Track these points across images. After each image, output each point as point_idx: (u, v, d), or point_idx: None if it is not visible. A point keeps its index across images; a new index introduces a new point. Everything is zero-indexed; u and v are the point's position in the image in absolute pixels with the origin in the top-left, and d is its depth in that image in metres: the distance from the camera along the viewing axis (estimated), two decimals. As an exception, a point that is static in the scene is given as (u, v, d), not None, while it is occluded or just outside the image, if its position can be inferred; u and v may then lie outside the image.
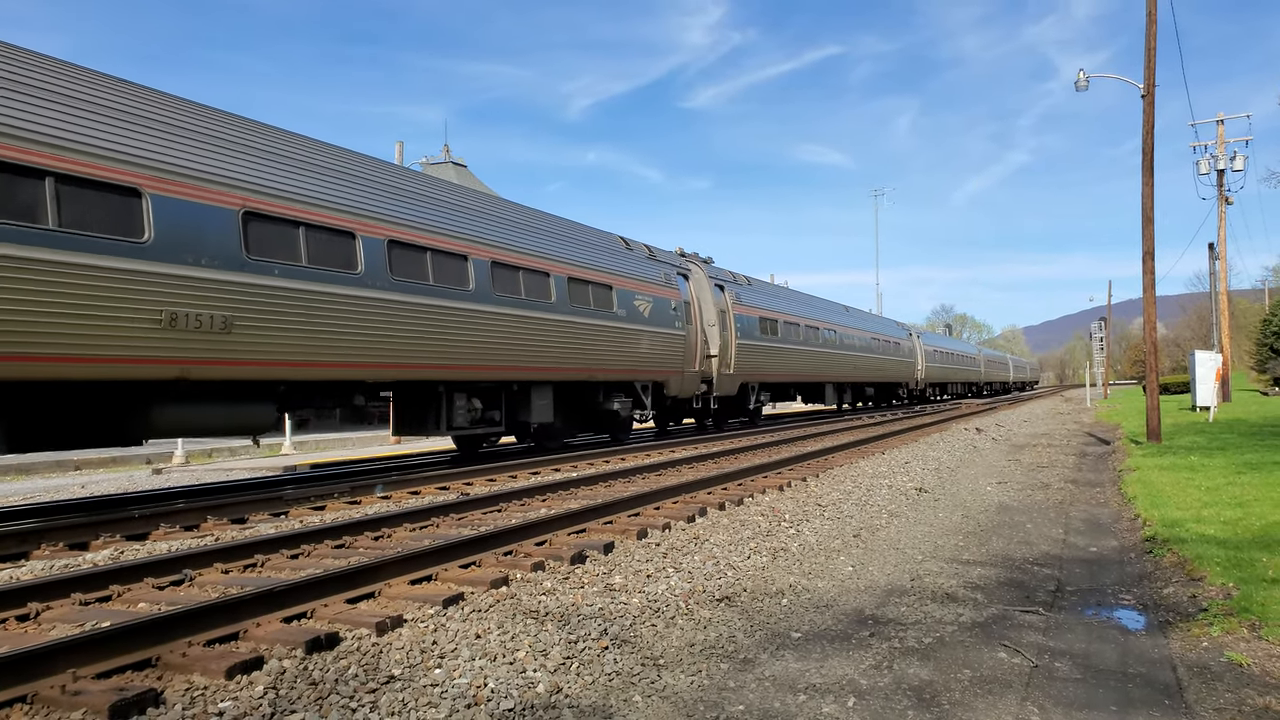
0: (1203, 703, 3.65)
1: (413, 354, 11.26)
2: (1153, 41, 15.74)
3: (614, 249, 17.00)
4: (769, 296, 24.60)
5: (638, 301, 16.55)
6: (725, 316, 20.58)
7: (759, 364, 22.36)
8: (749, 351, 21.62)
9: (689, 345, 18.51)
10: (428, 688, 3.81)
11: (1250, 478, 9.92)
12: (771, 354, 23.24)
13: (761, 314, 22.82)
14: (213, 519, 8.54)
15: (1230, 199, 35.79)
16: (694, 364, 18.75)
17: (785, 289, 28.56)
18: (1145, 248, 15.86)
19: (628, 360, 16.19)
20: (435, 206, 12.25)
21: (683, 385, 18.40)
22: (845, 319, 31.67)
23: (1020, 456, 14.77)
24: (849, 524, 7.99)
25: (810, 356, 26.59)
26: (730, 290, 21.39)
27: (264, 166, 9.68)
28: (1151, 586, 5.69)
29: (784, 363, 24.28)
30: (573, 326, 14.57)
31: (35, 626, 4.88)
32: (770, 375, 23.37)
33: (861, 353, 32.11)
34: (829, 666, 4.16)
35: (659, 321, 17.28)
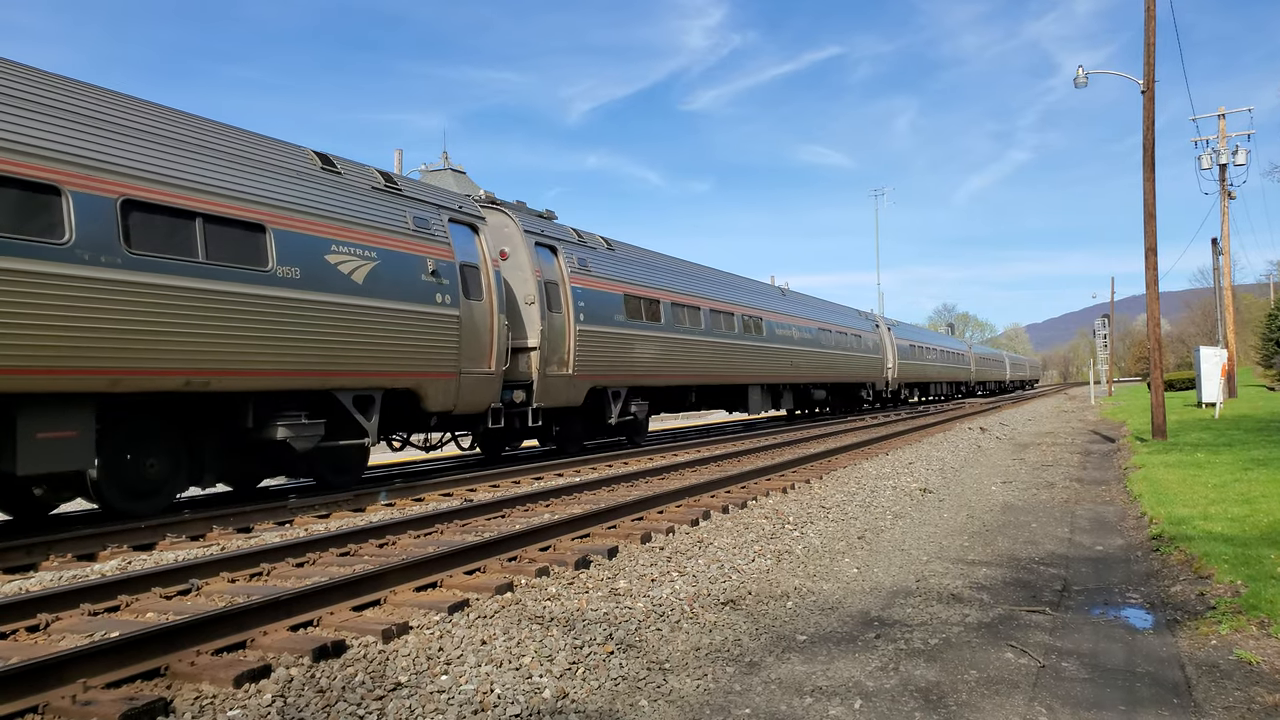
0: (1212, 701, 3.64)
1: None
2: (1152, 37, 15.74)
3: (288, 165, 10.19)
4: (642, 268, 17.98)
5: (337, 256, 10.14)
6: (558, 292, 14.68)
7: (625, 360, 16.31)
8: (604, 343, 15.59)
9: (472, 332, 12.21)
10: (434, 694, 3.81)
11: (1258, 474, 9.89)
12: (648, 346, 17.13)
13: (628, 290, 16.73)
14: (218, 528, 8.56)
15: (1233, 193, 35.74)
16: (485, 361, 12.43)
17: (676, 260, 20.63)
18: (1148, 244, 15.84)
19: (307, 354, 9.72)
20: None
21: (458, 395, 11.99)
22: (780, 304, 25.53)
23: (1025, 455, 14.74)
24: (853, 526, 7.98)
25: (721, 351, 20.26)
26: (567, 255, 15.18)
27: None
28: (1159, 585, 5.68)
29: (672, 359, 18.04)
30: (141, 293, 8.10)
31: (45, 637, 4.90)
32: (647, 375, 17.19)
33: (805, 346, 26.13)
34: (835, 669, 4.16)
35: (396, 292, 10.93)
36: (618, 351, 16.18)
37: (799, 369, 25.55)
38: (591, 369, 15.30)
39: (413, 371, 11.32)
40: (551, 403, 14.38)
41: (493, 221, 14.04)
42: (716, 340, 20.19)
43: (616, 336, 16.15)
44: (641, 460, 14.79)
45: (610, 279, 16.42)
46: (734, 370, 21.18)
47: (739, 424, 28.52)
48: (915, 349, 40.57)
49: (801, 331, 26.18)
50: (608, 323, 15.90)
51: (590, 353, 15.22)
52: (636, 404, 16.95)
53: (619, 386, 16.36)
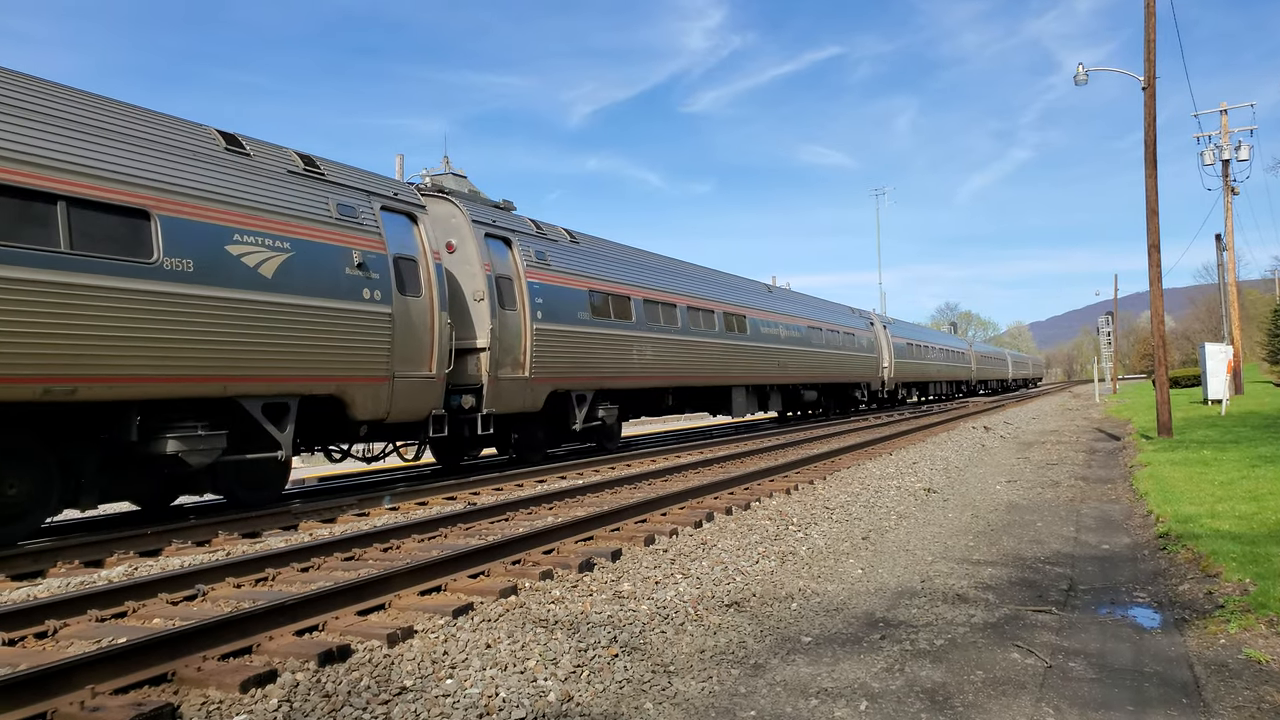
0: (1221, 701, 3.62)
1: None
2: (1152, 34, 15.71)
3: (182, 144, 9.03)
4: (610, 263, 16.76)
5: (241, 247, 8.99)
6: (512, 288, 13.46)
7: (590, 361, 15.10)
8: (565, 343, 14.38)
9: (408, 331, 11.08)
10: (439, 698, 3.82)
11: (1265, 471, 9.85)
12: (617, 346, 15.92)
13: (594, 286, 15.57)
14: (224, 534, 8.58)
15: (1236, 189, 35.61)
16: (424, 363, 11.32)
17: (649, 254, 19.39)
18: (1150, 240, 15.80)
19: (203, 357, 8.66)
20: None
21: (392, 401, 10.80)
22: (766, 301, 24.21)
23: (1029, 454, 14.70)
24: (857, 526, 7.97)
25: (699, 350, 19.11)
26: (523, 247, 13.98)
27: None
28: (1166, 583, 5.65)
29: (645, 359, 16.89)
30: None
31: (53, 643, 4.91)
32: (616, 378, 15.92)
33: (794, 345, 24.94)
34: (840, 670, 4.15)
35: (314, 287, 9.80)
36: (582, 352, 14.90)
37: (787, 369, 24.29)
38: (551, 371, 14.09)
39: (335, 375, 10.14)
40: (505, 408, 13.13)
41: (438, 211, 12.90)
42: (695, 339, 18.99)
43: (580, 336, 14.89)
44: (619, 467, 14.78)
45: (573, 274, 15.17)
46: (715, 371, 19.99)
47: (727, 428, 27.36)
48: (913, 347, 39.33)
49: (789, 330, 24.99)
50: (570, 321, 14.67)
51: (550, 353, 14.04)
52: (604, 408, 15.65)
53: (584, 389, 15.10)
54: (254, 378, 9.25)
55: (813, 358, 26.59)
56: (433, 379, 11.55)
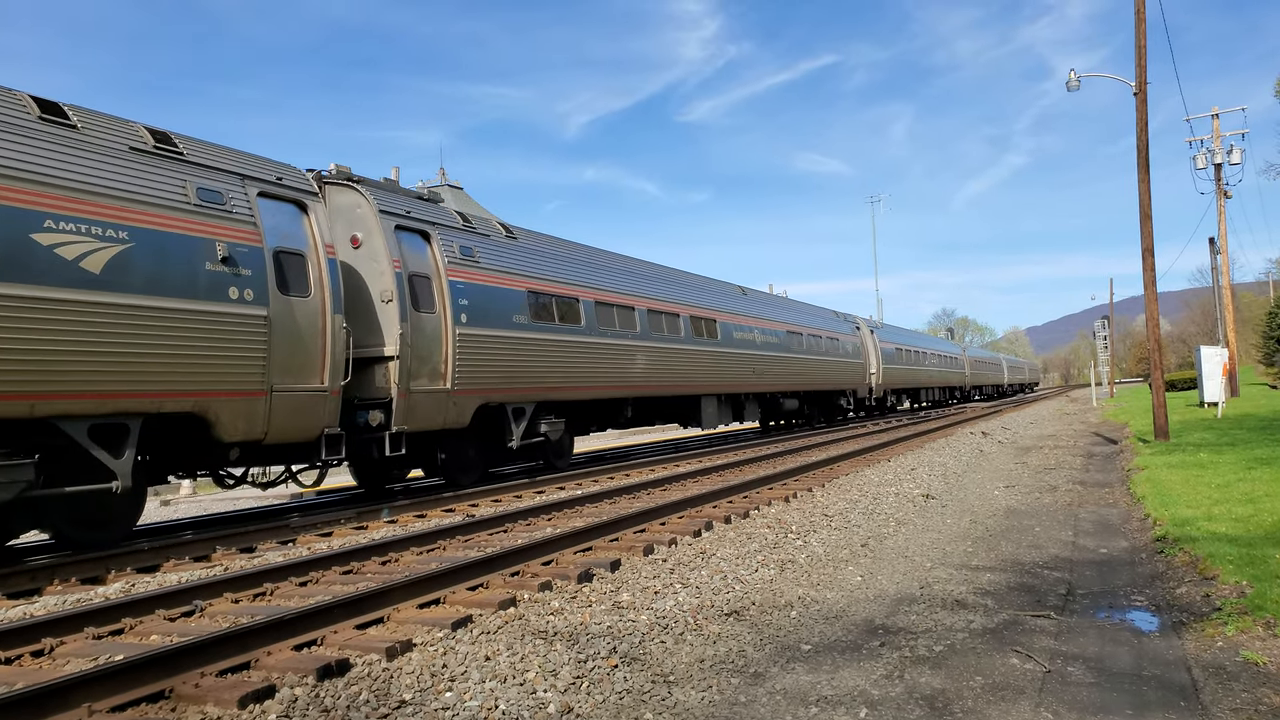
0: (1219, 703, 3.63)
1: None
2: (1142, 40, 15.84)
3: None
4: (555, 260, 15.17)
5: (56, 235, 7.63)
6: (430, 288, 11.99)
7: (529, 370, 13.54)
8: (498, 349, 12.83)
9: (292, 337, 9.65)
10: (439, 711, 3.81)
11: (1261, 473, 9.87)
12: (563, 353, 14.42)
13: (535, 286, 14.07)
14: (221, 549, 8.56)
15: (1229, 193, 35.83)
16: (313, 375, 9.91)
17: (603, 253, 17.87)
18: (1145, 244, 15.88)
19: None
20: None
21: (270, 418, 9.39)
22: (739, 304, 22.86)
23: (1027, 459, 14.72)
24: (856, 533, 7.97)
25: (662, 357, 17.64)
26: (445, 242, 12.47)
27: None
28: (1164, 587, 5.66)
29: (597, 367, 15.38)
30: None
31: (50, 662, 4.89)
32: (562, 388, 14.35)
33: (771, 351, 23.64)
34: (840, 678, 4.15)
35: (160, 285, 8.42)
36: (518, 360, 13.29)
37: (764, 377, 22.93)
38: (480, 382, 12.49)
39: (193, 390, 8.63)
40: (421, 425, 11.52)
41: (340, 201, 11.59)
42: (656, 345, 17.48)
43: (516, 342, 13.25)
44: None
45: (508, 272, 13.58)
46: (681, 379, 18.48)
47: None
48: (902, 353, 38.11)
49: (766, 334, 23.55)
50: (504, 325, 13.06)
51: (477, 362, 12.43)
52: (548, 423, 14.11)
53: (522, 402, 13.48)
54: (76, 394, 7.70)
55: (793, 364, 25.24)
56: (324, 392, 10.01)
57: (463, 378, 12.22)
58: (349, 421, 10.77)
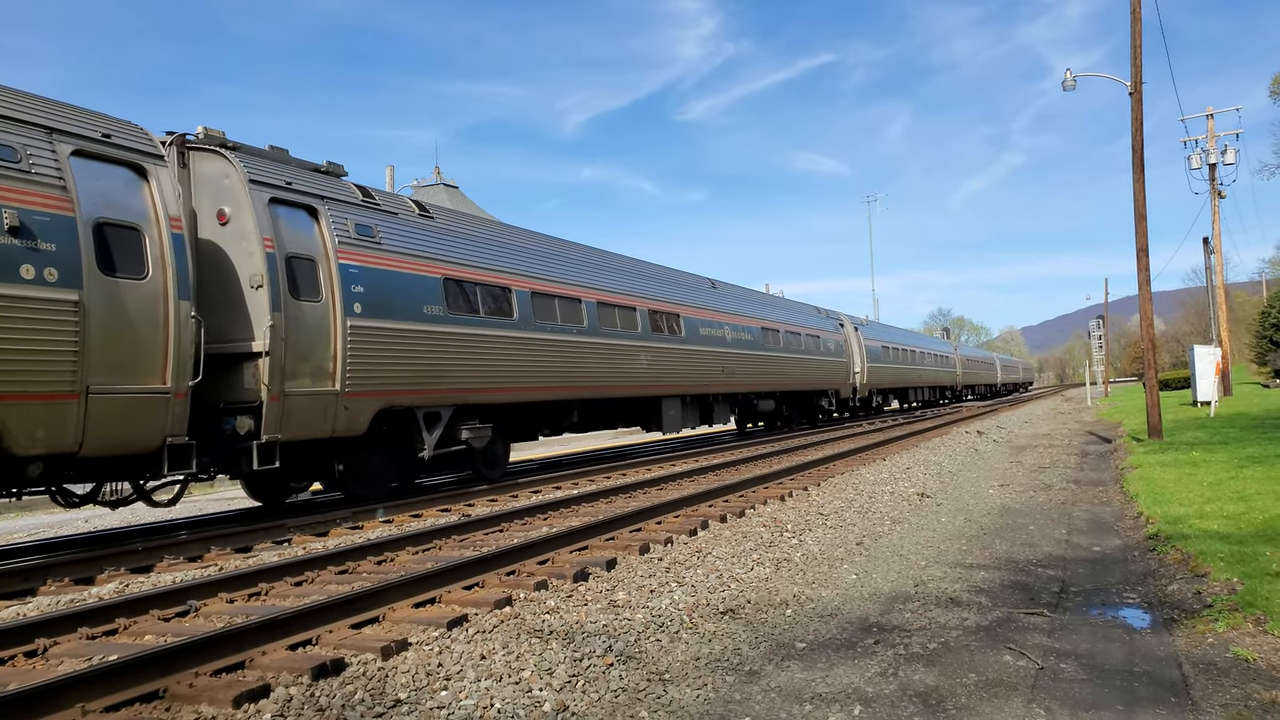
0: (1209, 699, 3.65)
1: None
2: (1138, 39, 15.90)
3: None
4: (479, 245, 13.45)
5: None
6: (314, 272, 10.29)
7: (446, 369, 11.97)
8: (404, 345, 11.28)
9: (119, 327, 8.09)
10: (434, 710, 3.81)
11: (1253, 471, 9.93)
12: (490, 350, 12.81)
13: (453, 273, 12.43)
14: (216, 549, 8.54)
15: (1223, 193, 35.97)
16: (150, 373, 8.36)
17: (541, 237, 16.17)
18: (1139, 244, 15.95)
19: None
20: None
21: (85, 427, 7.79)
22: (708, 298, 21.31)
23: (1022, 458, 14.77)
24: (851, 532, 7.99)
25: (615, 355, 16.08)
26: (337, 220, 10.81)
27: None
28: (1156, 584, 5.70)
29: (534, 366, 13.73)
30: None
31: (43, 662, 4.89)
32: (489, 389, 12.76)
33: (744, 349, 22.09)
34: (835, 675, 4.17)
35: None
36: (431, 357, 11.71)
37: (735, 376, 21.35)
38: (380, 382, 10.84)
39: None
40: (300, 432, 9.85)
41: (205, 170, 9.96)
42: (607, 342, 15.87)
43: (428, 336, 11.65)
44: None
45: (420, 256, 11.91)
46: (637, 379, 16.83)
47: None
48: (888, 350, 36.60)
49: (738, 331, 21.98)
50: (412, 317, 11.45)
51: (376, 359, 10.80)
52: (470, 429, 12.41)
53: (436, 405, 11.85)
54: None
55: (768, 363, 23.64)
56: (166, 395, 8.38)
57: (357, 377, 10.52)
58: (215, 429, 9.41)
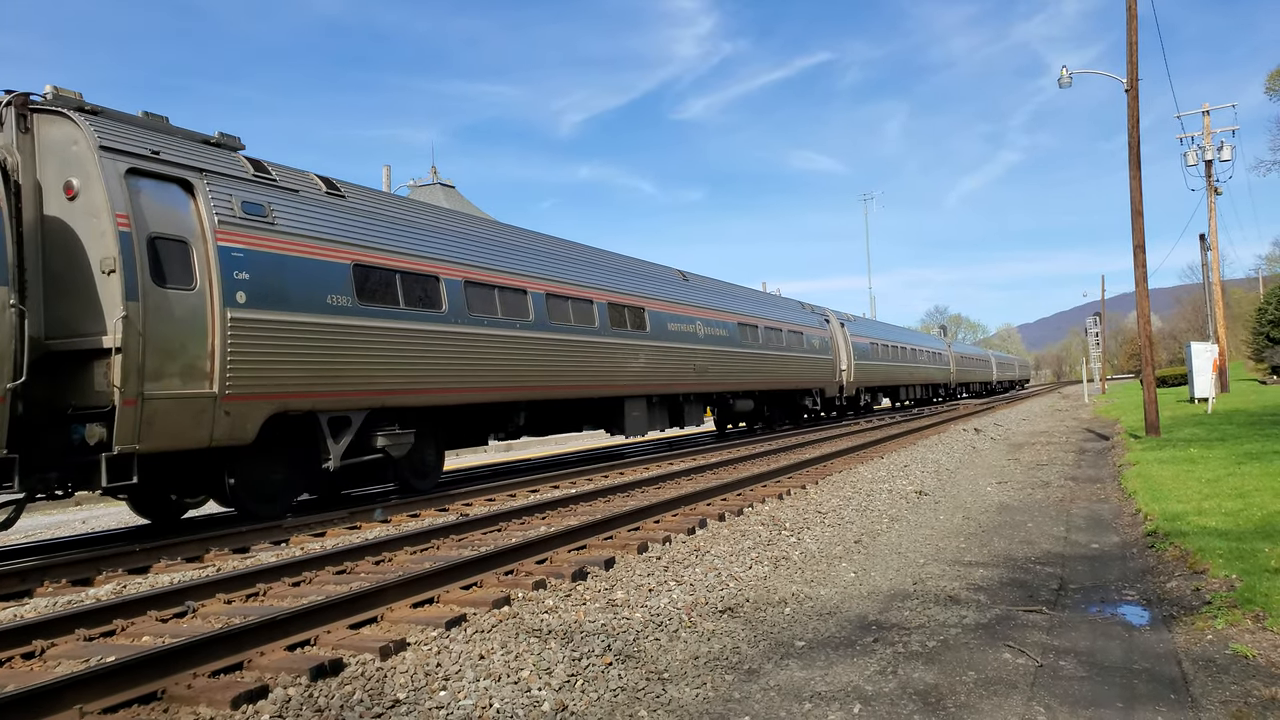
0: (1209, 696, 3.65)
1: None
2: (1134, 36, 15.91)
3: None
4: (400, 228, 12.04)
5: None
6: (186, 255, 8.98)
7: (357, 368, 10.63)
8: (301, 340, 9.97)
9: None
10: (433, 711, 3.80)
11: (1251, 468, 9.94)
12: (414, 346, 11.51)
13: (365, 258, 11.03)
14: (214, 549, 8.53)
15: (1219, 189, 36.03)
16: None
17: (478, 221, 15.28)
18: (1136, 241, 15.96)
19: None
20: None
21: None
22: (678, 291, 19.99)
23: (1019, 455, 14.78)
24: (850, 530, 7.99)
25: (567, 352, 14.77)
26: (219, 195, 9.48)
27: None
28: (1155, 581, 5.70)
29: (469, 364, 12.47)
30: None
31: (41, 664, 4.87)
32: (412, 390, 11.46)
33: (718, 346, 20.85)
34: (834, 674, 4.16)
35: None
36: (338, 354, 10.33)
37: (708, 374, 20.08)
38: (271, 383, 9.52)
39: None
40: (165, 443, 8.52)
41: (53, 136, 8.66)
42: (559, 337, 14.56)
43: (334, 331, 10.30)
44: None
45: (325, 239, 10.53)
46: (595, 378, 15.59)
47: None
48: (877, 348, 35.31)
49: (712, 327, 20.70)
50: (313, 308, 10.09)
51: (267, 356, 9.49)
52: (388, 435, 11.11)
53: (345, 409, 10.50)
54: None
55: (746, 360, 22.34)
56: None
57: (241, 378, 9.19)
58: (62, 439, 8.20)
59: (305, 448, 10.52)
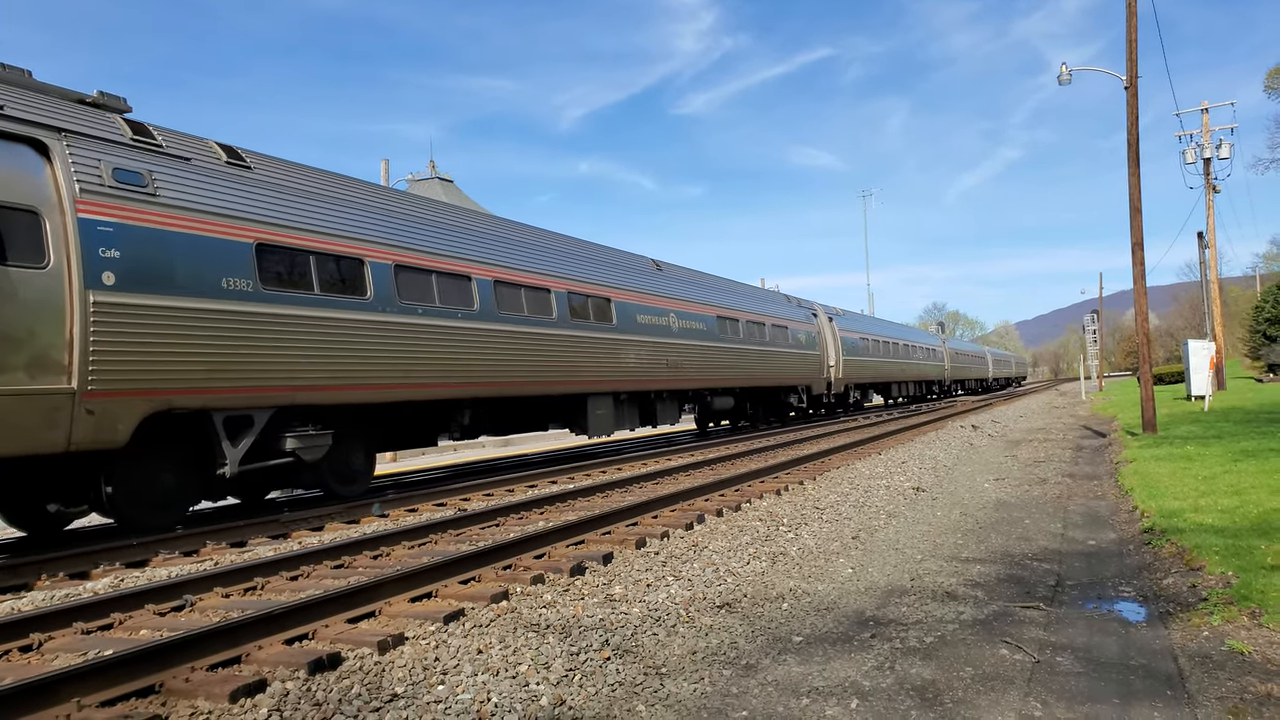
0: (1205, 692, 3.66)
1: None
2: (1133, 34, 15.90)
3: None
4: (315, 203, 10.79)
5: None
6: (37, 230, 7.85)
7: (258, 359, 9.48)
8: (193, 328, 8.87)
9: None
10: (431, 704, 3.81)
11: (1247, 465, 9.96)
12: (326, 336, 10.29)
13: (271, 237, 9.87)
14: (212, 543, 8.52)
15: (1217, 187, 36.05)
16: None
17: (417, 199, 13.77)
18: (1134, 238, 15.97)
19: None
20: None
21: None
22: (649, 282, 18.85)
23: (1017, 452, 14.80)
24: (847, 526, 8.00)
25: (518, 344, 13.55)
26: (79, 159, 8.29)
27: None
28: (1151, 577, 5.71)
29: (398, 356, 11.27)
30: None
31: (38, 657, 4.87)
32: (329, 386, 10.26)
33: (694, 340, 19.74)
34: (831, 669, 4.17)
35: None
36: (236, 345, 9.20)
37: (682, 370, 18.98)
38: (149, 377, 8.37)
39: None
40: (4, 447, 7.35)
41: None
42: (509, 329, 13.35)
43: (230, 318, 9.17)
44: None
45: (222, 215, 9.32)
46: (552, 374, 14.41)
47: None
48: (868, 343, 34.33)
49: (688, 320, 19.61)
50: (203, 292, 8.93)
51: (143, 347, 8.36)
52: (299, 436, 9.99)
53: (245, 407, 9.37)
54: None
55: (725, 355, 21.25)
56: None
57: (108, 371, 8.10)
58: None
59: (200, 450, 9.43)
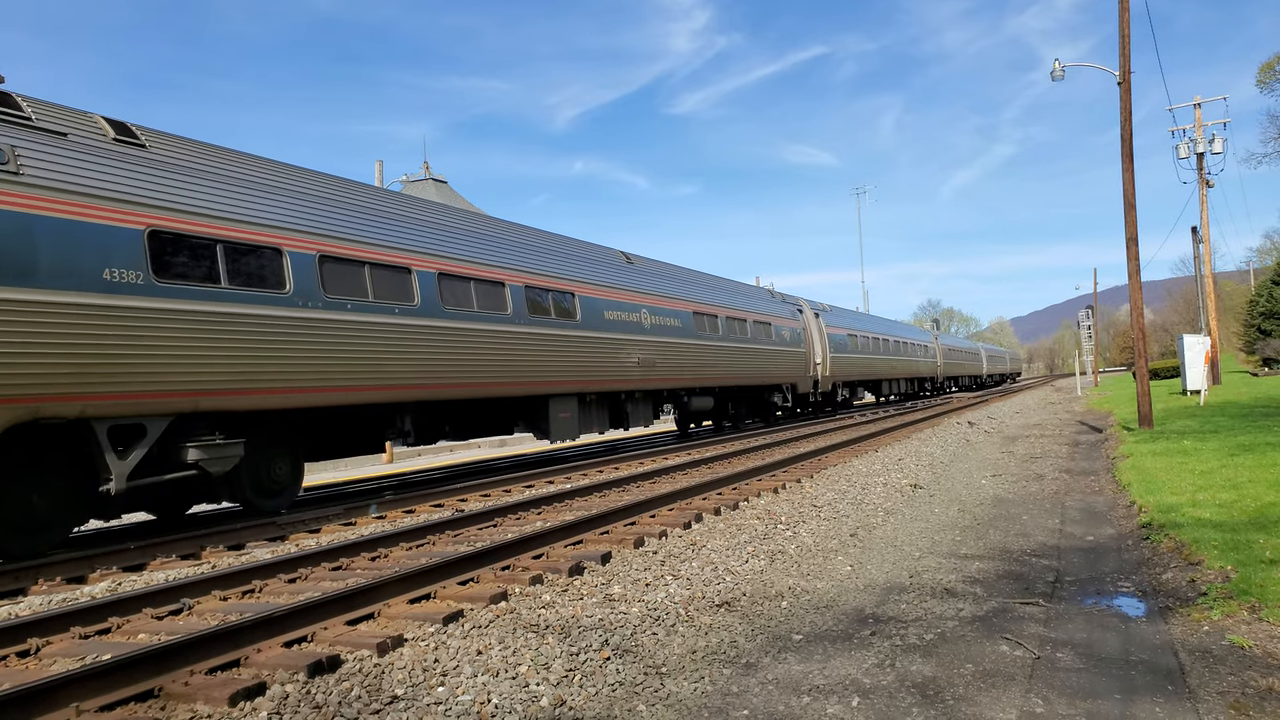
0: (1206, 687, 3.67)
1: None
2: (1126, 29, 15.92)
3: None
4: (223, 187, 9.73)
5: None
6: None
7: (146, 360, 8.49)
8: (66, 326, 7.88)
9: None
10: (431, 706, 3.80)
11: (1244, 459, 9.98)
12: (239, 333, 9.38)
13: (168, 222, 8.93)
14: (209, 547, 8.50)
15: (1211, 182, 36.16)
16: None
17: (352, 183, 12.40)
18: (1128, 234, 16.00)
19: None
20: None
21: None
22: (619, 276, 17.85)
23: (1014, 448, 14.83)
24: (845, 523, 8.00)
25: (467, 342, 12.63)
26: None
27: None
28: (1150, 572, 5.72)
29: (317, 355, 10.23)
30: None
31: (36, 662, 4.85)
32: (239, 390, 9.31)
33: (668, 338, 18.82)
34: (832, 667, 4.17)
35: None
36: (121, 345, 8.24)
37: (656, 369, 18.03)
38: (6, 382, 7.39)
39: None
40: None
41: None
42: (455, 325, 12.41)
43: (114, 314, 8.20)
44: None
45: (104, 197, 8.33)
46: (507, 374, 13.39)
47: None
48: (856, 340, 33.20)
49: (660, 316, 18.65)
50: (80, 284, 7.95)
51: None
52: (204, 446, 9.14)
53: (136, 414, 8.42)
54: None
55: (703, 353, 20.34)
56: None
57: None
58: None
59: (84, 463, 8.41)
